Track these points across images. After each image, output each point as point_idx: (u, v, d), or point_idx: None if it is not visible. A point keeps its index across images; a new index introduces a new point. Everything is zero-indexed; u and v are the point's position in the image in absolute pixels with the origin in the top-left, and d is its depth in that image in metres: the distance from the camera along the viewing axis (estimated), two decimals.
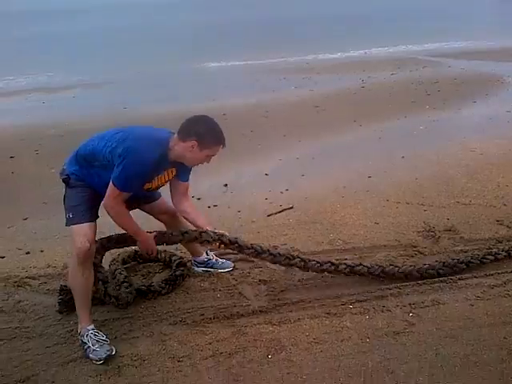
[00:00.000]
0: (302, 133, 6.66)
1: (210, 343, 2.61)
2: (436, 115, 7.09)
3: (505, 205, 4.02)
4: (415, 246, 3.46)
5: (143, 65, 14.57)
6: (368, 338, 2.57)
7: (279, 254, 3.01)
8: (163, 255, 3.46)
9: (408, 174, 4.93)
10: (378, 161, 5.38)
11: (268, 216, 4.15)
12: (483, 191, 4.32)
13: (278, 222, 4.03)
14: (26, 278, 3.36)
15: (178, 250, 3.54)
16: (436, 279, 3.02)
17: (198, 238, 2.85)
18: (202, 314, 2.86)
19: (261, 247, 2.99)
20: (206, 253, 3.33)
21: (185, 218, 2.94)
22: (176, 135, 2.57)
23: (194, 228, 2.91)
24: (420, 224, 3.80)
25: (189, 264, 3.35)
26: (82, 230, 2.56)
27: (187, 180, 2.87)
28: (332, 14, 30.49)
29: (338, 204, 4.29)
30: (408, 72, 11.14)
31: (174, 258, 3.38)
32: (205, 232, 2.84)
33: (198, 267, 3.33)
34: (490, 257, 3.15)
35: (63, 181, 2.66)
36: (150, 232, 2.85)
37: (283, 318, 2.77)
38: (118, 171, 2.46)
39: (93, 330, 2.59)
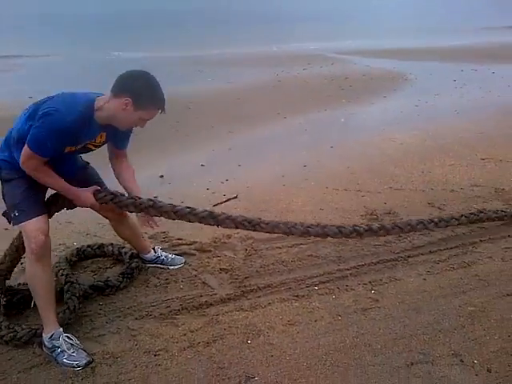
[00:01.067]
0: (231, 124, 6.66)
1: (185, 334, 2.53)
2: (353, 108, 7.49)
3: (432, 189, 4.37)
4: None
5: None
6: (339, 316, 2.66)
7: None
8: (111, 249, 3.29)
9: (339, 162, 5.16)
10: (309, 151, 5.55)
11: (214, 206, 4.10)
12: (410, 177, 4.67)
13: (225, 212, 3.98)
14: None
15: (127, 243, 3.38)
16: (388, 258, 3.21)
17: (131, 204, 2.56)
18: (168, 306, 2.76)
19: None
20: (154, 249, 3.18)
21: (117, 178, 2.69)
22: (109, 94, 2.26)
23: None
24: (361, 208, 4.00)
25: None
26: (33, 225, 2.31)
27: (125, 147, 2.62)
28: (242, 11, 30.78)
29: (281, 192, 4.37)
30: (318, 68, 11.62)
31: (124, 251, 3.22)
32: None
33: (146, 265, 3.16)
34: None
35: None
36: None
37: (253, 304, 2.77)
38: (33, 132, 2.16)
39: (65, 333, 2.38)
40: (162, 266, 3.15)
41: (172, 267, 3.13)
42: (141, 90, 2.22)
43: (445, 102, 8.01)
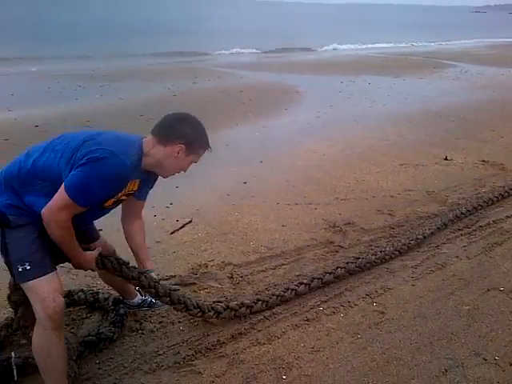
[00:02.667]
0: None
1: (213, 381, 2.31)
2: (262, 122, 7.59)
3: (373, 196, 4.61)
4: (332, 242, 3.69)
5: None
6: (358, 334, 2.65)
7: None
8: (83, 296, 2.86)
9: (276, 176, 5.18)
10: (240, 167, 5.48)
11: (171, 233, 3.82)
12: (349, 187, 4.87)
13: (187, 239, 3.75)
14: None
15: (94, 286, 2.99)
16: (367, 269, 3.28)
17: (136, 279, 2.35)
18: (178, 353, 2.50)
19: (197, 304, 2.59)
20: (140, 292, 2.84)
21: (127, 241, 2.44)
22: (152, 138, 2.06)
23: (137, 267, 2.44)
24: (321, 221, 4.06)
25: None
26: (48, 284, 1.92)
27: (145, 198, 2.36)
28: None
29: (234, 212, 4.24)
30: (207, 81, 11.57)
31: (102, 297, 2.83)
32: (146, 275, 2.39)
33: (132, 310, 2.81)
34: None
35: None
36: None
37: (268, 335, 2.63)
38: (77, 176, 1.83)
39: None
40: (148, 309, 2.82)
41: (163, 307, 2.82)
42: (191, 134, 2.07)
43: (341, 112, 8.54)
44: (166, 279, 3.17)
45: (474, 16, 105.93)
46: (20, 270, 1.89)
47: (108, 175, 1.85)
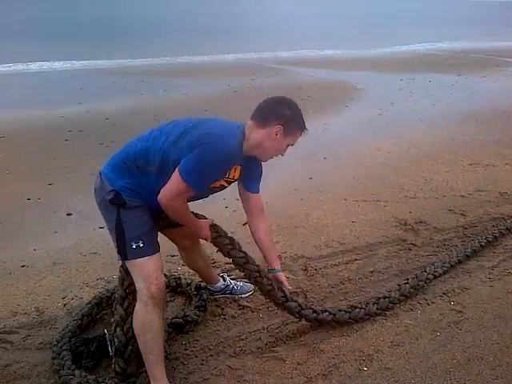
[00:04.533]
0: None
1: (296, 368, 2.38)
2: (323, 119, 7.58)
3: (444, 196, 4.54)
4: (405, 240, 3.68)
5: None
6: (437, 331, 2.64)
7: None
8: (166, 280, 2.99)
9: (342, 173, 5.20)
10: (305, 163, 5.52)
11: (243, 225, 3.91)
12: (417, 185, 4.81)
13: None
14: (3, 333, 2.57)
15: (175, 272, 3.14)
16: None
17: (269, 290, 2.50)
18: (259, 339, 2.59)
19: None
20: (223, 278, 2.96)
21: (256, 242, 2.54)
22: (251, 122, 2.13)
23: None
24: (391, 219, 4.04)
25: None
26: (154, 263, 2.07)
27: (258, 191, 2.41)
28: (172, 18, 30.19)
29: (303, 207, 4.30)
30: (265, 78, 11.65)
31: (184, 282, 2.98)
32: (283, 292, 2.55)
33: (214, 296, 2.93)
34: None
35: (113, 202, 2.04)
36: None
37: (346, 328, 2.67)
38: (191, 161, 1.93)
39: None
40: (230, 296, 2.93)
41: (243, 295, 2.93)
42: (288, 116, 2.11)
43: (403, 110, 8.40)
44: None
45: None
46: (134, 246, 2.03)
47: (218, 156, 1.96)
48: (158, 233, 2.24)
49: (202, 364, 2.41)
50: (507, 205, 4.32)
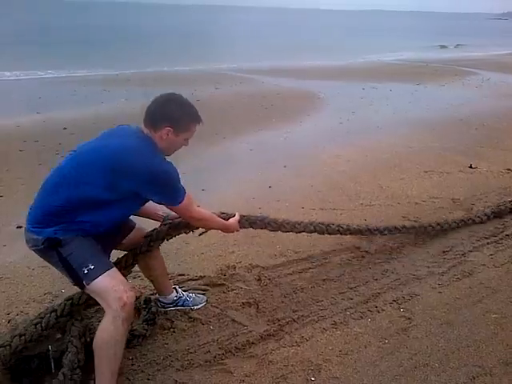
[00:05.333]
0: None
1: (243, 380, 2.37)
2: (286, 127, 7.64)
3: (399, 203, 4.62)
4: (358, 247, 3.71)
5: None
6: (385, 339, 2.67)
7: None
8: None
9: (300, 181, 5.23)
10: (265, 171, 5.54)
11: (199, 235, 3.82)
12: (373, 193, 4.88)
13: (215, 240, 3.80)
14: None
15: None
16: (396, 275, 3.30)
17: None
18: (208, 351, 2.56)
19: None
20: (176, 290, 2.91)
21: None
22: (144, 129, 2.18)
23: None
24: None
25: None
26: (115, 276, 2.06)
27: None
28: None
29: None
30: (229, 87, 11.69)
31: None
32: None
33: (165, 308, 2.88)
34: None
35: (47, 249, 2.06)
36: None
37: (296, 338, 2.67)
38: (167, 189, 2.13)
39: None
40: (181, 308, 2.89)
41: (195, 307, 2.89)
42: (177, 115, 2.15)
43: (364, 118, 8.54)
44: (195, 279, 3.25)
45: (493, 23, 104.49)
46: (85, 271, 2.01)
47: (172, 173, 2.12)
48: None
49: (149, 379, 2.36)
50: (459, 211, 4.43)
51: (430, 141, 6.97)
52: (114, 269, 2.10)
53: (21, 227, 4.03)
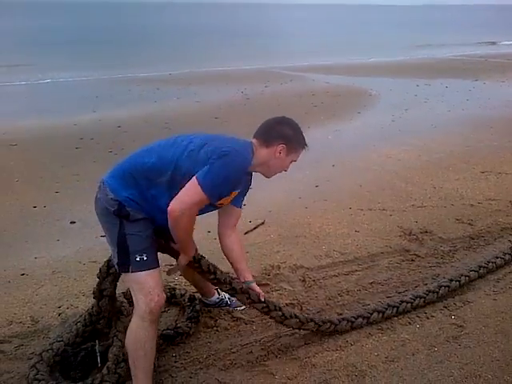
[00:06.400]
0: None
1: (285, 383, 2.32)
2: (334, 125, 7.54)
3: (452, 205, 4.43)
4: (408, 250, 3.59)
5: None
6: (434, 347, 2.56)
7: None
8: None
9: (349, 181, 5.12)
10: (313, 170, 5.47)
11: (245, 234, 3.89)
12: (426, 194, 4.71)
13: (260, 240, 3.81)
14: None
15: (171, 282, 3.11)
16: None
17: (239, 292, 2.41)
18: (251, 352, 2.54)
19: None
20: (218, 291, 2.90)
21: (225, 253, 2.50)
22: (255, 140, 2.19)
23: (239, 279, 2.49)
24: (395, 229, 3.95)
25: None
26: (154, 278, 2.05)
27: (241, 206, 2.46)
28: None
29: (307, 215, 4.24)
30: (279, 85, 11.66)
31: (178, 293, 2.94)
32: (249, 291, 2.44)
33: (208, 307, 2.89)
34: None
35: (116, 213, 2.01)
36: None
37: (340, 342, 2.60)
38: (211, 172, 1.93)
39: None
40: (225, 308, 2.89)
41: (238, 308, 2.88)
42: (290, 135, 2.20)
43: (417, 116, 8.28)
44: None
45: None
46: (138, 259, 2.01)
47: (237, 170, 2.03)
48: None
49: (191, 377, 2.37)
50: None
51: (487, 140, 6.64)
52: (159, 269, 2.11)
53: (74, 222, 4.20)
